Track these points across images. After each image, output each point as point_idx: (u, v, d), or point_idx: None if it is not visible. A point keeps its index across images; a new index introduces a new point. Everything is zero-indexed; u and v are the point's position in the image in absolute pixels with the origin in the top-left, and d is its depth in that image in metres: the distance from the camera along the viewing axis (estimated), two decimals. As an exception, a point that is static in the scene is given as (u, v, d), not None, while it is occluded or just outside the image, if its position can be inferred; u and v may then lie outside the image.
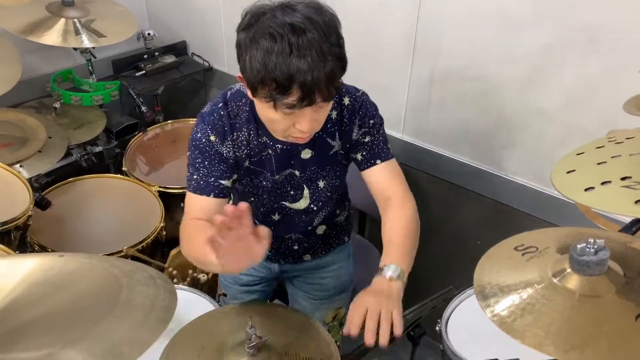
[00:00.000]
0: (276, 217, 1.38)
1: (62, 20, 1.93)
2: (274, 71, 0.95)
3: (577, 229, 0.75)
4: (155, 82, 2.39)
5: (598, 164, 0.77)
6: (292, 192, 1.33)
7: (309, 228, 1.42)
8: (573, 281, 0.64)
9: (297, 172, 1.28)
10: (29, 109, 2.12)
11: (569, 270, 0.65)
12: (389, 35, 1.79)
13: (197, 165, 1.21)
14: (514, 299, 0.65)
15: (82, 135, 2.13)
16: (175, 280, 1.84)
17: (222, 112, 1.19)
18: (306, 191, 1.33)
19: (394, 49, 1.79)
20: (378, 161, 1.27)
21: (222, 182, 1.22)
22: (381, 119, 1.28)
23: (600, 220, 1.17)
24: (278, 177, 1.28)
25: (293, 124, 1.07)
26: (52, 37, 1.87)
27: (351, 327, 1.05)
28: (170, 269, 1.87)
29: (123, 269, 0.62)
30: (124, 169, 2.14)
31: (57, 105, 2.12)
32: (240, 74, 1.06)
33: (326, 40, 0.97)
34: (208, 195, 1.21)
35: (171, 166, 2.25)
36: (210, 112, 1.20)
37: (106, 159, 2.46)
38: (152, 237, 1.86)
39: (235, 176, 1.26)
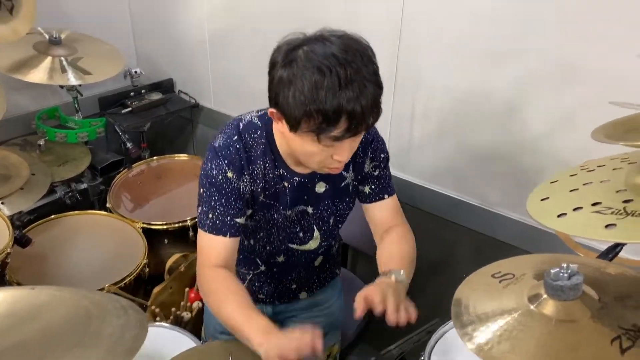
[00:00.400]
0: (281, 258, 1.36)
1: (49, 58, 1.96)
2: (323, 104, 0.94)
3: (553, 255, 0.75)
4: (142, 119, 2.41)
5: (570, 191, 0.78)
6: (301, 234, 1.31)
7: (309, 262, 1.42)
8: (549, 307, 0.64)
9: (309, 209, 1.27)
10: (12, 147, 2.11)
11: (544, 295, 0.65)
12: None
13: (213, 204, 1.16)
14: (492, 327, 0.65)
15: (66, 172, 2.12)
16: (158, 318, 1.80)
17: (237, 146, 1.16)
18: (316, 233, 1.33)
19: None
20: (385, 196, 1.30)
21: (238, 220, 1.18)
22: (388, 153, 1.30)
23: (580, 249, 1.18)
24: (290, 212, 1.26)
25: (331, 155, 1.07)
26: (39, 75, 1.88)
27: (359, 311, 1.06)
28: (153, 307, 1.84)
29: (94, 300, 0.61)
30: (108, 205, 2.13)
31: (41, 142, 2.12)
32: (272, 109, 1.05)
33: (367, 70, 0.98)
34: (225, 235, 1.17)
35: (156, 202, 2.24)
36: (225, 146, 1.16)
37: (91, 196, 2.44)
38: (134, 274, 1.83)
39: (249, 212, 1.23)
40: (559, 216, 0.71)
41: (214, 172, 1.15)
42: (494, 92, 1.58)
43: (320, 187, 1.25)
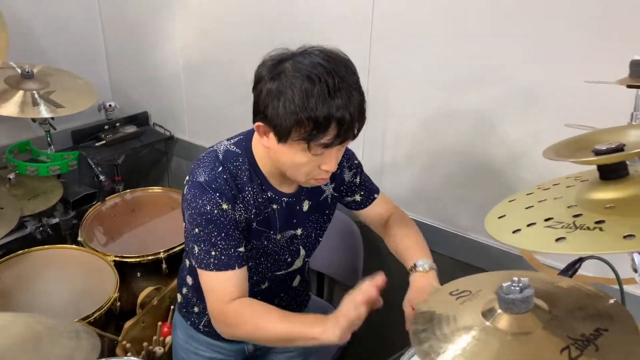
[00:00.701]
0: (264, 285, 1.34)
1: (21, 92, 1.95)
2: (314, 111, 0.97)
3: (509, 272, 0.76)
4: (115, 152, 2.40)
5: (526, 208, 0.80)
6: (289, 260, 1.32)
7: (291, 280, 1.42)
8: (503, 321, 0.65)
9: (298, 231, 1.28)
10: (-19, 181, 2.08)
11: (498, 310, 0.66)
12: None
13: (214, 240, 1.13)
14: (449, 345, 0.65)
15: (36, 206, 2.09)
16: (129, 354, 1.75)
17: (224, 176, 1.14)
18: (302, 252, 1.34)
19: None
20: (375, 195, 1.40)
21: (240, 250, 1.16)
22: (358, 159, 1.37)
23: (544, 268, 1.20)
24: (280, 237, 1.25)
25: (319, 165, 1.08)
26: (10, 108, 1.87)
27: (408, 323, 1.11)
28: (124, 342, 1.79)
29: (46, 324, 0.60)
30: (79, 239, 2.09)
31: (11, 176, 2.09)
32: (260, 123, 1.06)
33: (352, 79, 1.02)
34: (233, 268, 1.14)
35: (130, 235, 2.21)
36: (212, 179, 1.14)
37: (63, 231, 2.40)
38: (104, 308, 1.79)
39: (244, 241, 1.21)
40: (514, 232, 0.72)
41: (208, 208, 1.11)
42: (460, 119, 1.62)
43: (306, 205, 1.27)
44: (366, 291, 1.02)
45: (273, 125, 1.03)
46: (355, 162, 1.35)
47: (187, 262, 1.37)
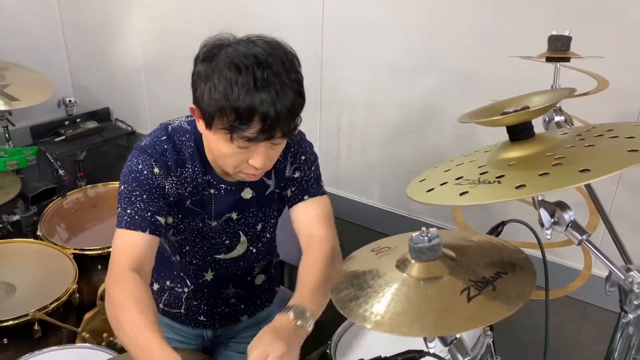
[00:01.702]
0: (209, 275, 1.31)
1: (-26, 85, 1.95)
2: (236, 101, 0.94)
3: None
4: (76, 147, 2.40)
5: (445, 171, 0.85)
6: (227, 242, 1.27)
7: (248, 278, 1.37)
8: (414, 269, 0.69)
9: (234, 215, 1.23)
10: (-64, 177, 2.06)
11: (409, 258, 0.70)
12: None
13: (133, 199, 1.09)
14: (366, 293, 0.69)
15: (-7, 200, 2.08)
16: (87, 344, 1.75)
17: (165, 146, 1.12)
18: (243, 237, 1.28)
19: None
20: (306, 197, 1.23)
21: (159, 218, 1.11)
22: (314, 155, 1.26)
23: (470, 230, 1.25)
24: (216, 223, 1.22)
25: (247, 159, 1.04)
26: (-38, 101, 1.87)
27: None
28: (83, 334, 1.79)
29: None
30: (38, 233, 2.08)
31: (-33, 171, 2.08)
32: (192, 105, 1.04)
33: (288, 76, 0.97)
34: (143, 230, 1.08)
35: (93, 231, 2.20)
36: (152, 145, 1.12)
37: (24, 228, 2.38)
38: (62, 299, 1.78)
39: (170, 219, 1.18)
40: (427, 191, 0.77)
41: (140, 167, 1.10)
42: (409, 105, 1.68)
43: (247, 194, 1.22)
44: None
45: (200, 109, 1.02)
46: (303, 157, 1.24)
47: None
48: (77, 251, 2.00)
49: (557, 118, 1.01)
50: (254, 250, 1.33)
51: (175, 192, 1.15)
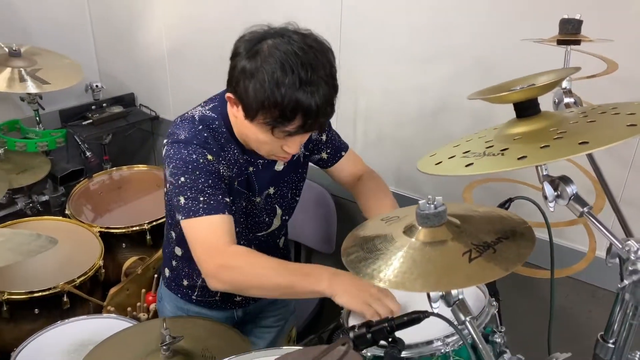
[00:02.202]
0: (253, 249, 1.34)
1: (9, 69, 2.04)
2: (282, 100, 1.00)
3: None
4: (102, 130, 2.48)
5: (454, 146, 0.89)
6: (266, 219, 1.34)
7: (276, 242, 1.45)
8: (420, 234, 0.74)
9: (271, 190, 1.31)
10: (-29, 157, 2.17)
11: (416, 225, 0.75)
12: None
13: (201, 187, 1.11)
14: (370, 254, 0.74)
15: (24, 180, 2.17)
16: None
17: (205, 134, 1.16)
18: (279, 210, 1.36)
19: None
20: (342, 153, 1.42)
21: (227, 199, 1.15)
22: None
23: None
24: (259, 199, 1.29)
25: (281, 146, 1.12)
26: (-2, 83, 1.96)
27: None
28: (108, 307, 1.88)
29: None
30: (66, 212, 2.18)
31: (0, 151, 2.18)
32: (230, 95, 1.09)
33: (325, 71, 1.04)
34: (222, 212, 1.11)
35: (117, 212, 2.29)
36: (194, 135, 1.15)
37: (52, 208, 2.49)
38: (89, 273, 1.87)
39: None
40: (436, 164, 0.81)
41: (194, 156, 1.12)
42: (425, 92, 1.71)
43: (279, 165, 1.30)
44: (392, 308, 0.99)
45: (242, 102, 1.07)
46: None
47: (173, 234, 1.37)
48: (103, 229, 2.09)
49: (567, 99, 1.04)
50: (286, 219, 1.42)
51: (227, 174, 1.20)
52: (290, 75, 1.00)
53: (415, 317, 0.75)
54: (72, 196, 2.29)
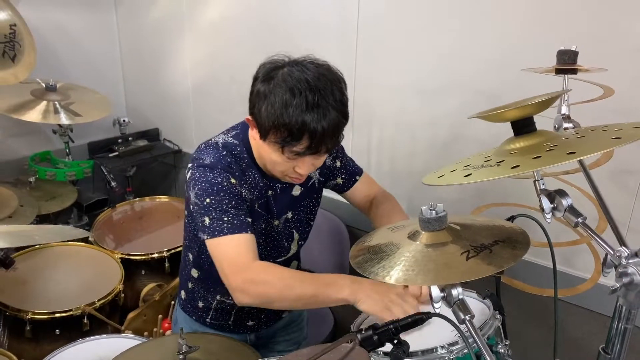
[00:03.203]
0: None
1: (44, 102, 2.18)
2: (289, 121, 1.07)
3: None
4: (127, 162, 2.60)
5: (457, 163, 0.96)
6: (285, 244, 1.39)
7: (289, 267, 1.48)
8: (423, 237, 0.80)
9: (289, 215, 1.36)
10: (5, 184, 2.28)
11: (419, 230, 0.81)
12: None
13: (225, 207, 1.17)
14: (375, 255, 0.80)
15: (52, 207, 2.28)
16: (130, 340, 1.88)
17: (229, 159, 1.22)
18: (296, 235, 1.41)
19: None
20: (357, 177, 1.48)
21: (249, 219, 1.21)
22: (340, 144, 1.37)
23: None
24: (278, 222, 1.35)
25: (293, 167, 1.18)
26: (34, 115, 2.10)
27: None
28: (126, 332, 1.93)
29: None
30: (90, 239, 2.26)
31: (32, 179, 2.29)
32: (250, 117, 1.18)
33: (334, 99, 1.10)
34: (245, 232, 1.17)
35: (137, 243, 2.35)
36: (218, 160, 1.21)
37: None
38: (110, 297, 1.93)
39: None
40: (439, 177, 0.88)
41: (219, 179, 1.18)
42: (434, 123, 1.79)
43: (297, 191, 1.37)
44: (408, 310, 1.01)
45: (257, 122, 1.16)
46: (335, 147, 1.36)
47: (190, 256, 1.42)
48: (124, 255, 2.17)
49: (566, 125, 1.10)
50: (301, 244, 1.46)
51: (248, 197, 1.26)
52: (298, 98, 1.07)
53: (419, 318, 0.79)
54: (95, 224, 2.38)
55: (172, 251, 2.20)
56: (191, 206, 1.25)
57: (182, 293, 1.54)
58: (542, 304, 1.63)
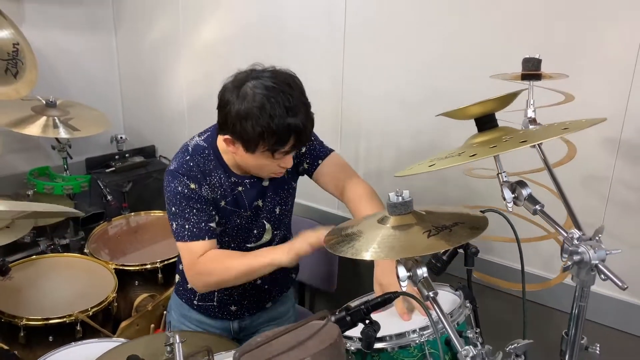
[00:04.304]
0: None
1: (44, 117, 2.26)
2: (278, 129, 1.21)
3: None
4: (123, 178, 2.67)
5: (427, 159, 1.03)
6: (255, 232, 1.50)
7: None
8: (390, 221, 0.86)
9: (260, 203, 1.47)
10: (3, 196, 2.35)
11: (387, 215, 0.87)
12: (320, 120, 2.12)
13: (187, 215, 1.34)
14: (347, 238, 0.86)
15: (49, 220, 2.33)
16: (122, 348, 1.91)
17: (191, 164, 1.36)
18: (267, 225, 1.52)
19: (325, 133, 2.12)
20: (319, 161, 1.51)
21: (211, 225, 1.36)
22: None
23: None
24: (249, 213, 1.45)
25: (279, 164, 1.32)
26: (34, 129, 2.17)
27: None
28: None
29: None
30: (85, 251, 2.31)
31: (30, 192, 2.36)
32: (228, 137, 1.28)
33: (297, 93, 1.25)
34: (203, 239, 1.34)
35: (132, 256, 2.38)
36: (179, 166, 1.36)
37: (72, 250, 2.62)
38: (103, 305, 1.97)
39: (216, 218, 1.41)
40: (407, 169, 0.95)
41: (180, 189, 1.34)
42: (418, 132, 1.87)
43: (266, 181, 1.47)
44: (318, 238, 1.19)
45: (241, 140, 1.27)
46: None
47: None
48: (118, 266, 2.21)
49: (532, 127, 1.17)
50: (277, 233, 1.55)
51: (210, 197, 1.39)
52: (277, 107, 1.21)
53: (388, 298, 0.85)
54: (91, 237, 2.43)
55: (165, 262, 2.25)
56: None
57: (177, 277, 1.65)
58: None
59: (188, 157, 1.38)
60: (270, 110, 1.21)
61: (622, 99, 1.44)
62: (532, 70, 1.17)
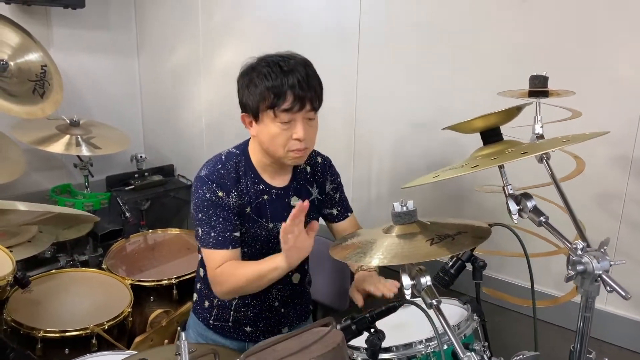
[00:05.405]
0: None
1: (68, 136, 2.35)
2: (272, 85, 1.28)
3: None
4: (142, 196, 2.73)
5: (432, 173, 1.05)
6: (276, 248, 1.45)
7: (289, 275, 1.56)
8: (395, 230, 0.88)
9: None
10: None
11: (392, 224, 0.89)
12: (334, 141, 2.17)
13: (213, 223, 1.37)
14: (358, 248, 0.88)
15: (69, 234, 2.40)
16: (135, 363, 1.93)
17: (222, 171, 1.40)
18: None
19: (339, 155, 2.16)
20: (349, 214, 1.61)
21: (236, 234, 1.40)
22: (341, 180, 1.62)
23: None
24: (272, 226, 1.46)
25: (291, 135, 1.32)
26: (58, 147, 2.25)
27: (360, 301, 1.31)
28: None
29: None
30: (103, 266, 2.35)
31: (51, 208, 2.42)
32: (243, 114, 1.38)
33: (302, 60, 1.32)
34: (227, 248, 1.38)
35: (148, 273, 2.43)
36: (211, 172, 1.39)
37: (90, 266, 2.67)
38: (118, 319, 2.00)
39: (241, 228, 1.43)
40: (413, 181, 0.97)
41: (208, 196, 1.37)
42: (429, 154, 1.89)
43: (294, 201, 1.49)
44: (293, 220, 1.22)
45: (248, 109, 1.34)
46: (338, 179, 1.60)
47: (200, 255, 1.55)
48: (134, 282, 2.25)
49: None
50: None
51: (237, 203, 1.41)
52: (272, 67, 1.29)
53: (392, 306, 0.86)
54: (109, 253, 2.48)
55: (181, 278, 2.28)
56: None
57: (195, 296, 1.67)
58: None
59: (220, 165, 1.41)
60: (266, 72, 1.29)
61: (633, 118, 1.45)
62: (539, 87, 1.19)
